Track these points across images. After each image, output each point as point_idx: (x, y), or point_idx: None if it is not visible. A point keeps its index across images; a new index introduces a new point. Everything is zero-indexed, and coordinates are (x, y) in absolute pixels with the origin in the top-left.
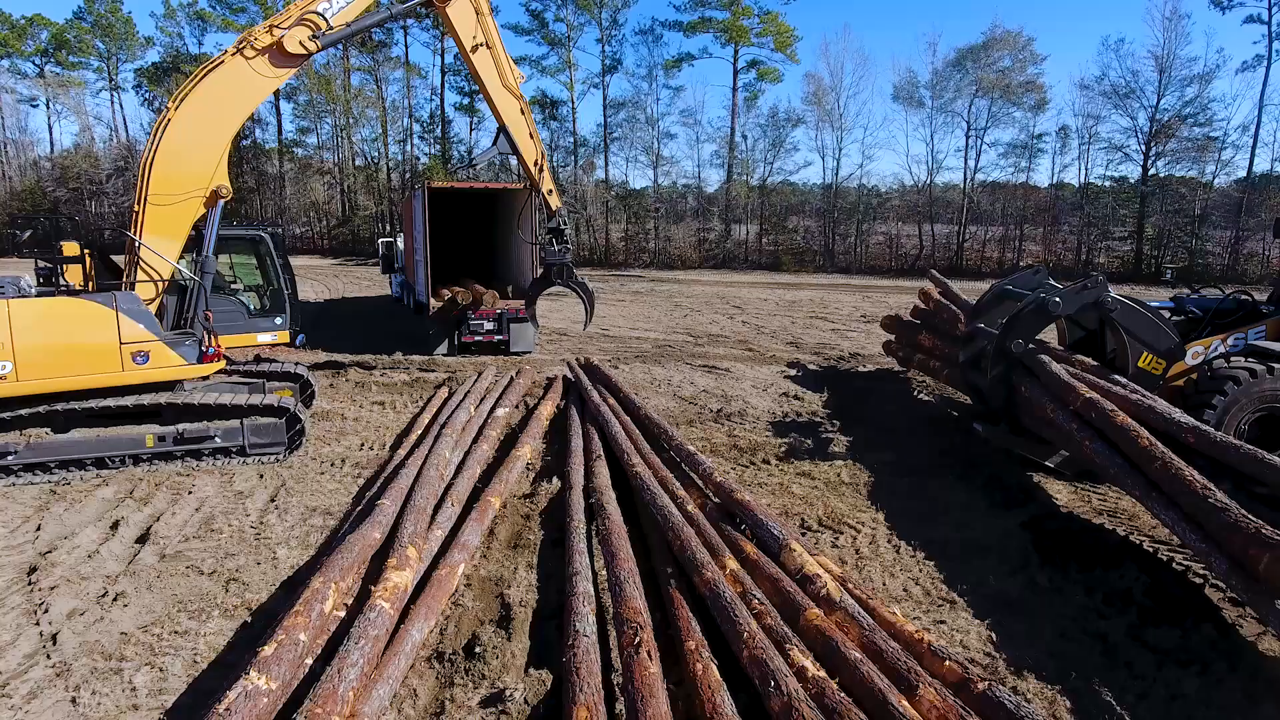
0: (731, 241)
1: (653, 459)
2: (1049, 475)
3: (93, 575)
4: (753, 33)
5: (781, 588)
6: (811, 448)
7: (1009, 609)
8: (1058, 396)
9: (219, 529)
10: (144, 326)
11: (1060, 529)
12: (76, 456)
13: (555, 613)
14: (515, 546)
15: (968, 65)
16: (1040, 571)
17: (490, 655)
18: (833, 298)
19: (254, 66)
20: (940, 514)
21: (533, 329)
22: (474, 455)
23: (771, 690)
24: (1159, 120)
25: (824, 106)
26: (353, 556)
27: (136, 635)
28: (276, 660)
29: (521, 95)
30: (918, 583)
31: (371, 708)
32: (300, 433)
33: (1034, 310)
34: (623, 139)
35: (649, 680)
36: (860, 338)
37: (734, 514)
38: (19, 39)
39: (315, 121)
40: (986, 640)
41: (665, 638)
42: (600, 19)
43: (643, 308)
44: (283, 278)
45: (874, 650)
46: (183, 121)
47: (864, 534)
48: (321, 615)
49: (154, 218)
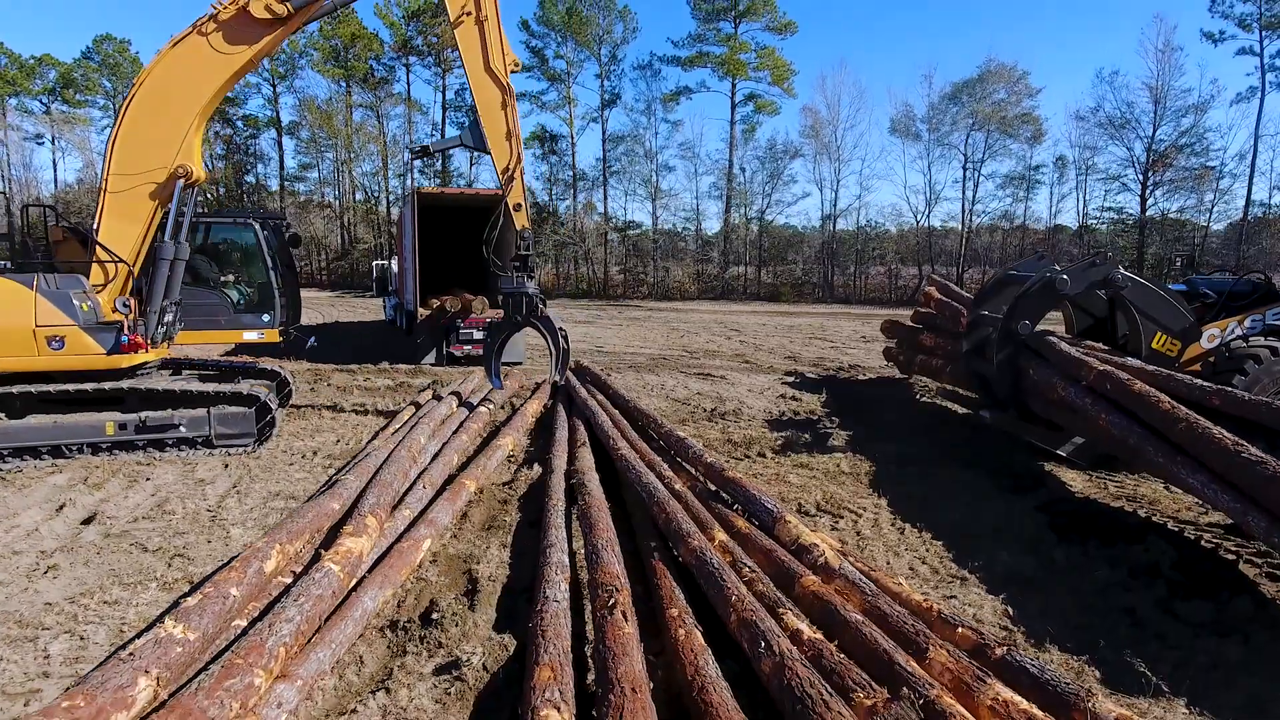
0: (730, 273)
1: (640, 445)
2: (1061, 464)
3: (26, 550)
4: (750, 67)
5: (775, 558)
6: (809, 441)
7: (1025, 585)
8: (1068, 373)
9: (172, 510)
10: (61, 311)
11: (1076, 511)
12: (31, 444)
13: (527, 588)
14: (489, 528)
15: (963, 98)
16: (1057, 548)
17: (449, 623)
18: (832, 323)
19: (212, 43)
20: (946, 499)
21: (522, 339)
22: (452, 445)
23: (762, 652)
24: (1155, 150)
25: (821, 139)
26: (305, 522)
27: (61, 605)
28: (199, 611)
29: (510, 86)
30: (924, 561)
31: (308, 670)
32: (270, 424)
33: (1040, 289)
34: (621, 172)
35: (622, 639)
36: (860, 354)
37: (724, 492)
38: (27, 78)
39: (317, 157)
40: (1002, 614)
41: (646, 611)
42: (599, 55)
43: (639, 330)
44: (274, 273)
45: (878, 615)
46: (142, 102)
47: (865, 518)
48: (260, 575)
49: (114, 202)
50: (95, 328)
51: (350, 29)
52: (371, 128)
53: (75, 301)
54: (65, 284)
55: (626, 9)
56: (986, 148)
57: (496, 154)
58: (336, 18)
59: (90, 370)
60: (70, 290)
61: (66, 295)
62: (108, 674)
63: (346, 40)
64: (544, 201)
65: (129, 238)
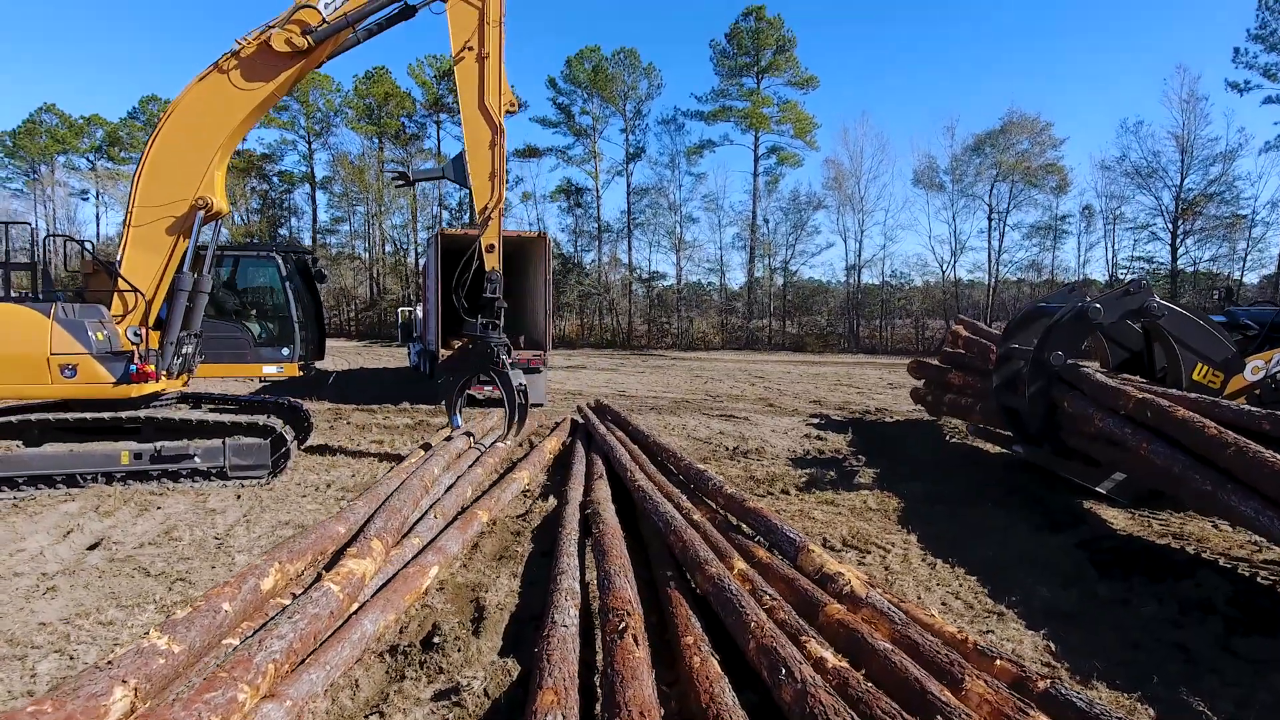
0: (755, 324)
1: (658, 477)
2: (1101, 502)
3: (28, 573)
4: (772, 120)
5: (798, 586)
6: (835, 479)
7: (1067, 620)
8: (1106, 404)
9: (179, 538)
10: (76, 339)
11: (1119, 548)
12: (46, 472)
13: (536, 617)
14: (501, 558)
15: (986, 149)
16: (1099, 584)
17: (451, 648)
18: (858, 371)
19: (233, 79)
20: (978, 537)
21: (543, 381)
22: (466, 478)
23: (783, 679)
24: (1185, 199)
25: (844, 190)
26: (307, 543)
27: (56, 625)
28: (187, 624)
29: (502, 127)
30: (958, 596)
31: (298, 691)
32: (285, 455)
33: (1073, 319)
34: (646, 224)
35: (632, 663)
36: (887, 398)
37: (745, 525)
38: (76, 137)
39: (349, 210)
40: (1043, 650)
41: (661, 643)
42: (624, 111)
43: (662, 377)
44: (295, 306)
45: (908, 644)
46: (167, 137)
47: (894, 553)
48: (256, 592)
49: (137, 234)
50: (107, 357)
51: (384, 88)
52: None
53: (90, 331)
54: (83, 313)
55: (651, 66)
56: (1011, 198)
57: (478, 192)
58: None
59: (102, 399)
60: (87, 319)
61: (82, 324)
62: (82, 681)
63: (380, 99)
64: (569, 253)
65: (150, 269)
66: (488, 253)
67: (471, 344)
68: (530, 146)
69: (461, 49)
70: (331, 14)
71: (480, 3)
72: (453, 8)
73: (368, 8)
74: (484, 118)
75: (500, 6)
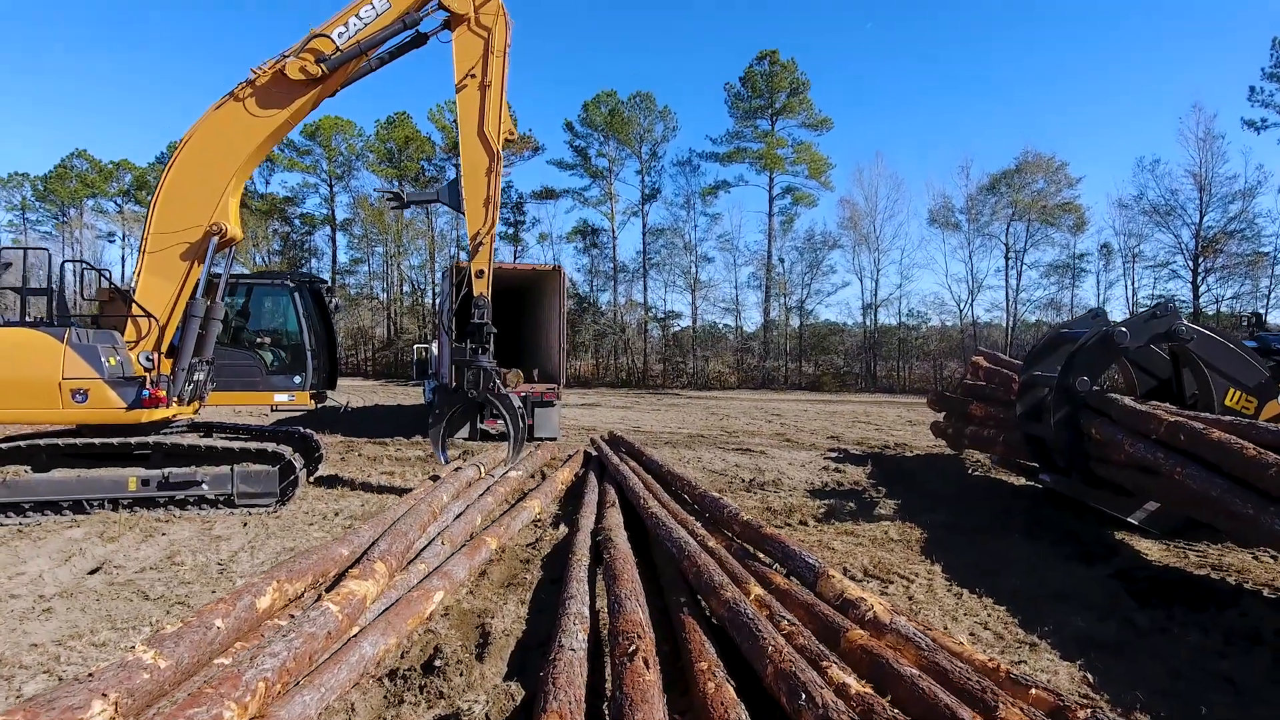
0: (770, 364)
1: (671, 505)
2: (1133, 533)
3: (25, 595)
4: (787, 161)
5: (818, 612)
6: (854, 510)
7: (1105, 651)
8: (1136, 429)
9: (181, 562)
10: (88, 364)
11: (1156, 577)
12: (53, 498)
13: (543, 644)
14: (509, 585)
15: (1002, 189)
16: (1139, 613)
17: (453, 672)
18: (876, 410)
19: (248, 107)
20: (1005, 567)
21: (557, 414)
22: (476, 506)
23: (803, 704)
24: (1204, 237)
25: (859, 230)
26: (309, 564)
27: (47, 646)
28: (176, 640)
29: (499, 154)
30: (986, 627)
31: (290, 713)
32: (294, 484)
33: (1098, 343)
34: (661, 264)
35: (642, 686)
36: (906, 435)
37: (761, 552)
38: (105, 181)
39: (368, 252)
40: (1080, 681)
41: (673, 671)
42: (640, 153)
43: (677, 414)
44: (307, 334)
45: (936, 670)
46: (183, 164)
47: (918, 583)
48: (252, 610)
49: (152, 261)
50: (119, 382)
51: (404, 132)
52: (420, 224)
53: (103, 356)
54: (97, 339)
55: (667, 109)
56: (1028, 237)
57: (471, 218)
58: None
59: (112, 425)
60: (100, 344)
61: (95, 349)
62: (59, 693)
63: (400, 143)
64: (585, 293)
65: (164, 295)
66: (477, 278)
67: (463, 371)
68: (547, 188)
69: (465, 76)
70: (345, 42)
71: (485, 33)
72: (459, 36)
73: (380, 35)
74: (482, 144)
75: (505, 37)
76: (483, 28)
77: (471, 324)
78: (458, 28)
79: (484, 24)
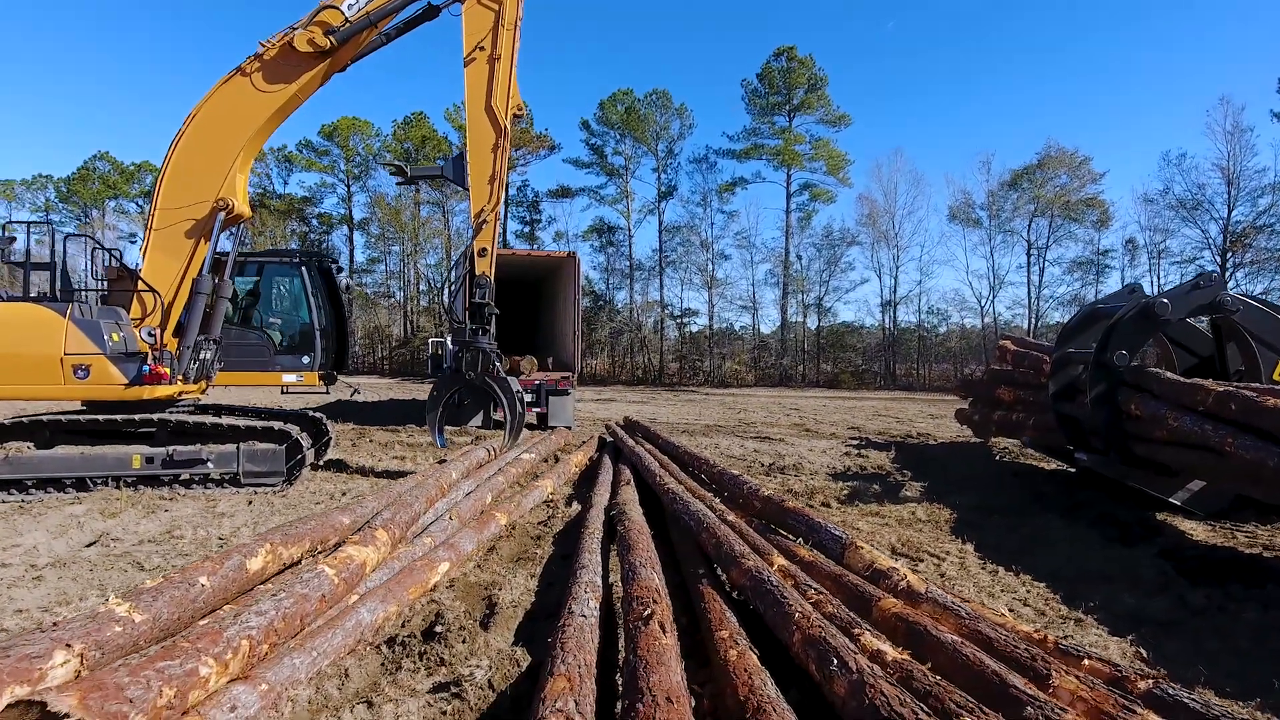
0: (789, 359)
1: (688, 482)
2: (1176, 514)
3: (17, 564)
4: (805, 158)
5: (846, 582)
6: (879, 492)
7: (1158, 627)
8: (1181, 403)
9: (181, 536)
10: (90, 340)
11: (1204, 557)
12: (55, 475)
13: (553, 614)
14: (519, 560)
15: (1024, 184)
16: (1191, 591)
17: (454, 638)
18: (896, 405)
19: (255, 82)
20: (1042, 547)
21: (572, 403)
22: (487, 486)
23: (834, 670)
24: (1233, 231)
25: (878, 227)
26: (306, 529)
27: (32, 612)
28: (155, 594)
29: (507, 129)
30: (1026, 603)
31: (277, 675)
32: (300, 463)
33: (1137, 315)
34: (677, 262)
35: (658, 649)
36: (928, 426)
37: (783, 528)
38: (126, 182)
39: (384, 251)
40: (1134, 656)
41: (691, 644)
42: (656, 150)
43: (693, 408)
44: (317, 314)
45: (980, 639)
46: (190, 140)
47: (950, 561)
48: (241, 570)
49: (158, 238)
50: (121, 358)
51: (421, 132)
52: (437, 222)
53: (106, 332)
54: (101, 314)
55: (683, 107)
56: (1051, 233)
57: (475, 194)
58: (410, 122)
59: (114, 401)
60: (103, 320)
61: (98, 325)
62: (17, 641)
63: (417, 143)
64: (601, 290)
65: (170, 272)
66: (480, 257)
67: (462, 354)
68: (563, 187)
69: (473, 49)
70: (354, 13)
71: (497, 5)
72: (469, 9)
73: (390, 6)
74: (489, 119)
75: (517, 10)
76: (494, 0)
77: (472, 303)
78: None
79: None
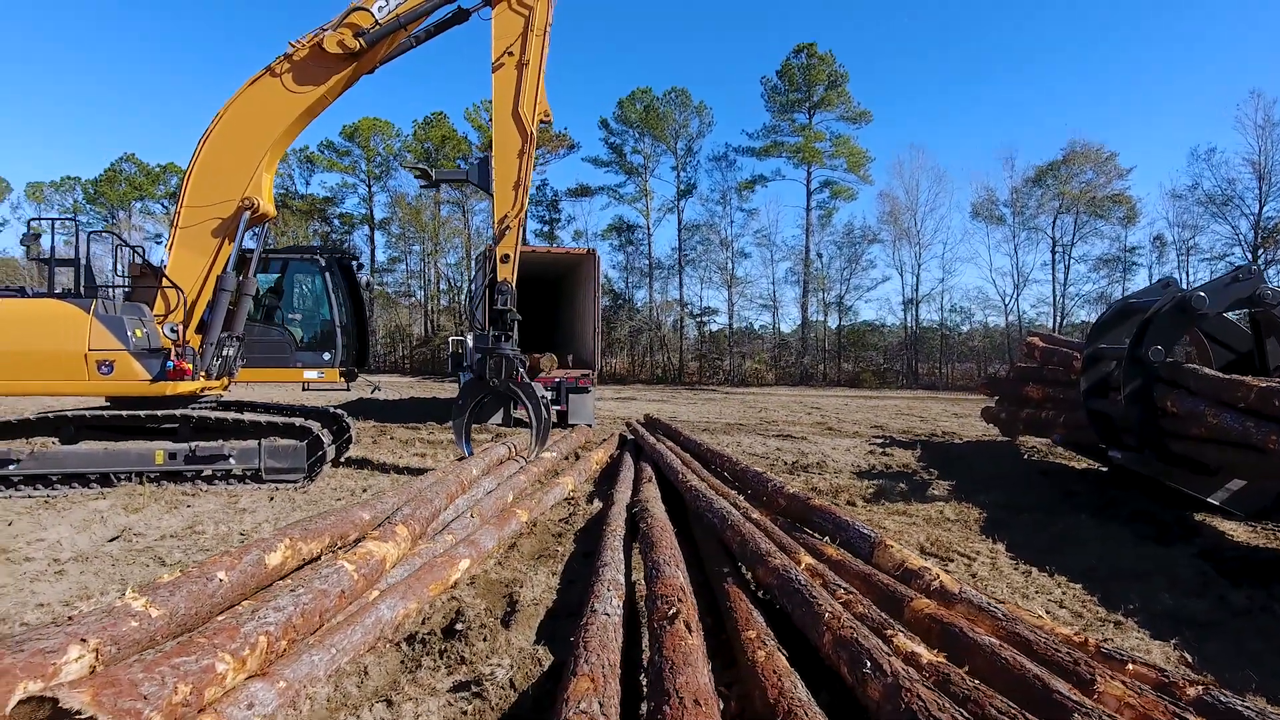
0: (810, 357)
1: (712, 480)
2: (1213, 514)
3: (40, 559)
4: (825, 155)
5: (876, 582)
6: (905, 491)
7: (1201, 629)
8: (1220, 399)
9: (203, 531)
10: (114, 336)
11: (1245, 558)
12: (80, 470)
13: (575, 612)
14: (540, 557)
15: (1048, 181)
16: (1233, 592)
17: (475, 636)
18: (919, 404)
19: (284, 82)
20: (1075, 546)
21: (591, 401)
22: (508, 484)
23: (868, 673)
24: (1265, 227)
25: (900, 224)
26: (326, 524)
27: (53, 606)
28: (172, 589)
29: (533, 135)
30: (1061, 605)
31: (296, 672)
32: (322, 459)
33: (1174, 309)
34: (697, 260)
35: (684, 649)
36: (953, 425)
37: (809, 527)
38: (152, 184)
39: (405, 250)
40: (1177, 661)
41: (716, 644)
42: (675, 149)
43: (714, 406)
44: (338, 311)
45: (1019, 642)
46: (217, 139)
47: (981, 560)
48: (260, 566)
49: (184, 235)
50: (144, 354)
51: (441, 132)
52: (457, 222)
53: (129, 328)
54: (124, 310)
55: (702, 105)
56: (1076, 230)
57: (499, 199)
58: (431, 122)
59: (137, 396)
60: (126, 316)
61: (121, 321)
62: (32, 635)
63: (437, 143)
64: (620, 289)
65: (195, 269)
66: (502, 263)
67: (486, 360)
68: (582, 185)
69: (502, 54)
70: (384, 16)
71: (527, 11)
72: (499, 14)
73: (420, 9)
74: (516, 125)
75: (547, 15)
76: (524, 5)
77: (493, 310)
78: (498, 4)
79: (526, 1)
